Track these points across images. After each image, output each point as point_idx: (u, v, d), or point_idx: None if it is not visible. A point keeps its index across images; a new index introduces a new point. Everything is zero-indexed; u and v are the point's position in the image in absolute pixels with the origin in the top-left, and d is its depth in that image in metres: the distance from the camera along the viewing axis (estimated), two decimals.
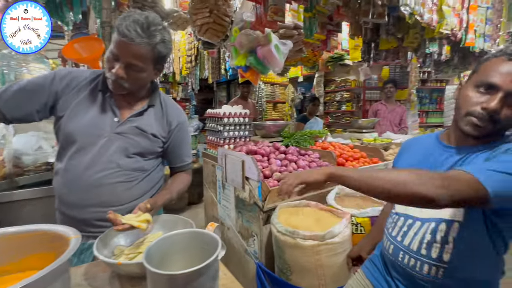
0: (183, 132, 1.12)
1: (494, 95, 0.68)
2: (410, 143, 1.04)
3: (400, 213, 0.90)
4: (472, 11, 2.15)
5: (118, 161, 0.94)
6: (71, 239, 0.65)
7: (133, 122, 0.97)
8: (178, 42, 4.33)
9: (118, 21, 0.83)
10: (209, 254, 0.61)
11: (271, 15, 1.52)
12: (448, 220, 0.73)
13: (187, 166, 1.17)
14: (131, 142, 0.96)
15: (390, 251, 0.88)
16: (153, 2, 1.88)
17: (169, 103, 1.10)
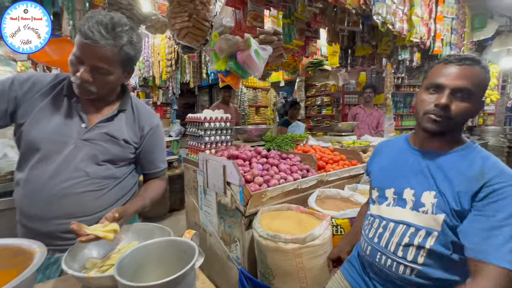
0: (156, 137, 1.08)
1: (442, 93, 0.78)
2: (381, 146, 1.08)
3: (375, 214, 0.93)
4: (438, 21, 2.31)
5: (86, 169, 0.89)
6: (36, 253, 0.61)
7: (102, 128, 0.93)
8: (158, 46, 4.25)
9: (81, 22, 0.79)
10: (186, 263, 0.60)
11: (250, 21, 1.54)
12: (427, 228, 0.77)
13: (161, 172, 1.13)
14: (100, 149, 0.91)
15: (368, 252, 0.90)
16: (130, 5, 1.83)
17: (141, 107, 1.05)
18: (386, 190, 0.90)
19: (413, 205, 0.81)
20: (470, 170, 0.75)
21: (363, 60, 2.90)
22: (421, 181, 0.82)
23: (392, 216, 0.86)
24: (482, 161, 0.75)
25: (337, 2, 1.34)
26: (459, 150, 0.80)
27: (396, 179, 0.89)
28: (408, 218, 0.81)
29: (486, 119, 5.73)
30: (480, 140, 4.69)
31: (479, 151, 0.80)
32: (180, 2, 1.66)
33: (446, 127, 0.78)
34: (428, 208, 0.78)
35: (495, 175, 0.71)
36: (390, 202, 0.88)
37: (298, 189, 1.67)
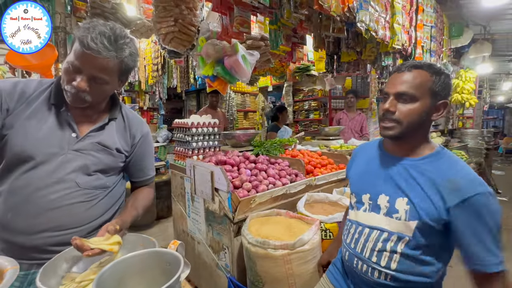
0: (146, 145, 1.07)
1: (388, 99, 0.84)
2: (358, 150, 1.10)
3: (353, 220, 0.94)
4: (419, 29, 2.40)
5: (76, 180, 0.86)
6: (7, 271, 0.57)
7: (94, 137, 0.90)
8: (144, 50, 4.19)
9: (81, 32, 0.77)
10: (171, 274, 0.58)
11: (237, 26, 1.54)
12: (399, 234, 0.79)
13: (151, 179, 1.12)
14: (92, 159, 0.89)
15: (346, 258, 0.92)
16: (113, 9, 1.80)
17: (131, 115, 1.04)
18: (363, 195, 0.92)
19: (386, 211, 0.83)
20: (442, 178, 0.77)
21: (349, 65, 2.97)
22: (394, 188, 0.84)
23: (367, 221, 0.88)
24: (454, 169, 0.78)
25: (322, 9, 1.36)
26: (430, 156, 0.83)
27: (371, 184, 0.91)
28: (382, 224, 0.83)
29: (465, 122, 5.98)
30: (460, 143, 4.88)
31: (448, 157, 0.83)
32: (166, 7, 1.64)
33: (398, 131, 0.82)
34: (401, 214, 0.80)
35: (469, 184, 0.73)
36: (366, 208, 0.90)
37: (287, 194, 1.66)
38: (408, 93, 0.80)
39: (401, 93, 0.81)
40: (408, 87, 0.80)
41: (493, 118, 15.20)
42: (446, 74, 0.82)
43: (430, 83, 0.80)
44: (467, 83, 4.96)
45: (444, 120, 5.64)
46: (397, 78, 0.83)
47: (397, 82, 0.82)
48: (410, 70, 0.82)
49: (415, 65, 0.82)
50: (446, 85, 0.81)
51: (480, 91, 5.93)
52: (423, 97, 0.80)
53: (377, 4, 1.77)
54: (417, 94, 0.80)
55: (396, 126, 0.82)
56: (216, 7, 1.54)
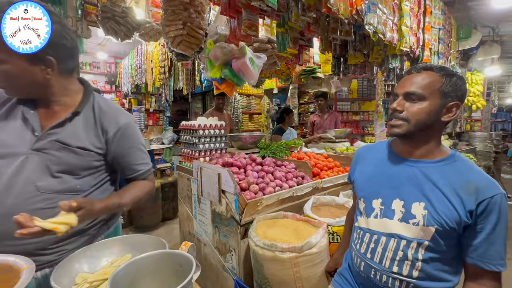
0: (127, 138, 0.94)
1: (395, 100, 0.87)
2: (362, 152, 1.06)
3: (364, 228, 0.91)
4: (426, 31, 2.39)
5: (36, 183, 0.79)
6: (23, 270, 0.58)
7: (53, 135, 0.83)
8: (151, 53, 4.24)
9: None
10: (183, 276, 0.58)
11: (245, 29, 1.55)
12: (419, 239, 0.78)
13: (144, 174, 1.01)
14: (52, 159, 0.82)
15: (362, 268, 0.89)
16: (124, 12, 1.83)
17: (105, 107, 0.93)
18: (373, 200, 0.89)
19: (402, 217, 0.81)
20: (460, 181, 0.77)
21: (355, 68, 2.96)
22: (410, 192, 0.82)
23: (381, 228, 0.85)
24: (470, 172, 0.78)
25: (330, 12, 1.37)
26: (446, 159, 0.82)
27: (382, 189, 0.88)
28: (398, 230, 0.81)
29: (473, 125, 5.90)
30: (468, 146, 4.81)
31: (463, 160, 0.83)
32: (175, 10, 1.67)
33: (406, 129, 0.82)
34: (419, 219, 0.78)
35: (486, 187, 0.74)
36: (378, 214, 0.87)
37: (293, 196, 1.66)
38: (416, 92, 0.80)
39: (410, 92, 0.81)
40: (417, 87, 0.81)
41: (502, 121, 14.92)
42: (459, 76, 0.81)
43: (439, 84, 0.80)
44: (473, 85, 4.90)
45: (452, 123, 5.57)
46: (407, 79, 0.84)
47: (406, 83, 0.83)
48: (419, 72, 0.83)
49: (425, 67, 0.83)
50: (458, 86, 0.81)
51: (489, 93, 5.85)
52: (432, 97, 0.80)
53: (385, 6, 1.77)
54: (426, 93, 0.80)
55: (404, 124, 0.82)
56: (225, 10, 1.56)
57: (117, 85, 6.34)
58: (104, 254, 0.81)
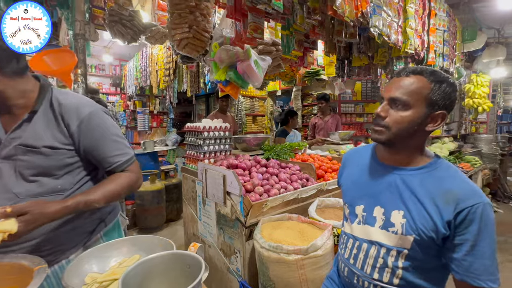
0: (93, 129, 0.88)
1: (381, 103, 0.82)
2: (349, 156, 1.04)
3: (348, 233, 0.91)
4: (431, 34, 2.38)
5: (13, 190, 0.78)
6: (36, 270, 0.59)
7: (16, 139, 0.80)
8: (156, 56, 4.28)
9: None
10: (191, 277, 0.58)
11: (250, 32, 1.56)
12: (398, 248, 0.77)
13: (123, 165, 0.92)
14: (22, 164, 0.80)
15: (346, 273, 0.89)
16: (130, 16, 1.85)
17: (64, 101, 0.87)
18: (356, 206, 0.88)
19: (383, 224, 0.80)
20: (439, 190, 0.73)
21: (360, 70, 2.96)
22: (390, 199, 0.80)
23: (363, 235, 0.84)
24: (450, 180, 0.74)
25: (335, 15, 1.37)
26: (426, 167, 0.79)
27: (365, 195, 0.87)
28: (379, 238, 0.80)
29: (478, 127, 5.85)
30: (473, 148, 4.77)
31: (445, 168, 0.78)
32: (181, 14, 1.69)
33: (386, 137, 0.79)
34: (398, 228, 0.76)
35: (467, 196, 0.69)
36: (360, 220, 0.86)
37: (298, 198, 1.66)
38: (401, 99, 0.75)
39: (394, 98, 0.77)
40: (402, 92, 0.75)
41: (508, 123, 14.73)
42: (449, 83, 0.76)
43: (427, 91, 0.75)
44: (479, 87, 4.86)
45: (457, 125, 5.53)
46: (394, 82, 0.79)
47: (393, 87, 0.78)
48: (408, 75, 0.77)
49: (414, 70, 0.77)
50: (447, 94, 0.75)
51: (494, 95, 5.80)
52: (418, 105, 0.75)
53: (390, 9, 1.77)
54: (411, 101, 0.75)
55: (385, 131, 0.78)
56: (231, 13, 1.57)
57: (121, 87, 6.40)
58: (113, 254, 0.82)
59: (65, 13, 2.00)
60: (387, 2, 1.73)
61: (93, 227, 0.96)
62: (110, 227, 1.03)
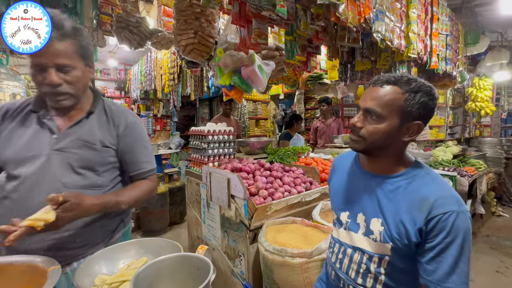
0: (135, 135, 1.02)
1: (358, 113, 0.81)
2: (337, 161, 1.05)
3: (335, 238, 0.92)
4: (434, 38, 2.39)
5: (61, 180, 0.86)
6: (50, 271, 0.60)
7: (73, 134, 0.90)
8: (161, 60, 4.34)
9: None
10: (199, 279, 0.60)
11: (255, 38, 1.59)
12: (379, 254, 0.77)
13: (148, 173, 1.05)
14: (74, 156, 0.89)
15: (333, 277, 0.91)
16: (137, 22, 1.89)
17: (114, 107, 1.03)
18: (342, 213, 0.89)
19: (365, 231, 0.81)
20: (414, 198, 0.73)
21: (362, 74, 2.98)
22: (370, 207, 0.81)
23: (348, 241, 0.85)
24: (426, 188, 0.73)
25: (339, 21, 1.39)
26: (404, 174, 0.78)
27: (350, 202, 0.88)
28: (362, 244, 0.81)
29: (482, 130, 5.81)
30: (478, 152, 4.73)
31: (423, 175, 0.77)
32: (187, 20, 1.72)
33: (363, 147, 0.79)
34: (376, 236, 0.77)
35: (442, 203, 0.69)
36: (345, 226, 0.87)
37: (302, 202, 1.67)
38: (375, 111, 0.75)
39: (368, 109, 0.76)
40: (376, 104, 0.75)
41: None
42: (425, 92, 0.74)
43: (401, 102, 0.73)
44: (482, 91, 4.84)
45: (461, 129, 5.50)
46: (370, 92, 0.78)
47: (368, 96, 0.78)
48: (382, 86, 0.76)
49: (388, 80, 0.76)
50: (422, 105, 0.73)
51: (498, 98, 5.77)
52: (391, 117, 0.74)
53: (392, 14, 1.79)
54: (384, 113, 0.74)
55: (361, 141, 0.79)
56: (235, 20, 1.60)
57: (126, 91, 6.47)
58: (122, 256, 0.84)
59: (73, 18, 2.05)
60: (389, 7, 1.75)
61: (115, 227, 1.03)
62: (127, 228, 1.10)
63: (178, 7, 1.73)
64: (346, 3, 1.37)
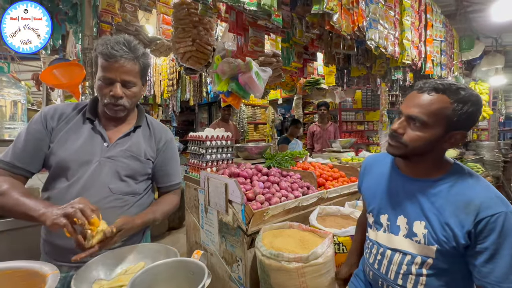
0: (171, 150, 1.13)
1: (400, 119, 0.81)
2: (370, 163, 1.05)
3: (373, 240, 0.93)
4: (428, 44, 2.44)
5: (109, 185, 0.94)
6: (48, 276, 0.62)
7: (122, 145, 0.99)
8: (160, 66, 4.39)
9: (101, 47, 0.88)
10: (195, 283, 0.61)
11: (251, 46, 1.63)
12: (423, 256, 0.78)
13: (176, 186, 1.17)
14: (122, 165, 0.97)
15: (371, 277, 0.92)
16: (137, 31, 1.93)
17: (155, 123, 1.13)
18: (381, 216, 0.90)
19: (407, 233, 0.81)
20: (459, 201, 0.73)
21: (359, 80, 3.02)
22: (411, 210, 0.81)
23: (388, 243, 0.86)
24: (470, 190, 0.73)
25: (333, 29, 1.43)
26: (445, 178, 0.78)
27: (389, 205, 0.88)
28: (403, 246, 0.81)
29: (480, 134, 5.85)
30: (475, 155, 4.76)
31: (465, 177, 0.77)
32: (185, 28, 1.76)
33: (402, 152, 0.79)
34: (420, 238, 0.78)
35: (488, 205, 0.69)
36: (385, 229, 0.87)
37: (299, 206, 1.68)
38: (420, 118, 0.73)
39: (413, 117, 0.75)
40: (421, 112, 0.73)
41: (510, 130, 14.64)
42: (473, 103, 0.72)
43: (448, 111, 0.72)
44: None
45: None
46: (414, 98, 0.77)
47: (412, 103, 0.76)
48: (430, 93, 0.74)
49: (437, 88, 0.73)
50: (469, 115, 0.72)
51: (495, 102, 5.82)
52: (436, 126, 0.73)
53: (386, 22, 1.83)
54: (430, 121, 0.73)
55: (401, 147, 0.79)
56: (232, 28, 1.64)
57: None
58: (119, 262, 0.85)
59: (74, 27, 2.09)
60: (383, 15, 1.79)
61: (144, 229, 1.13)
62: (148, 231, 1.20)
63: (176, 16, 1.77)
64: (340, 12, 1.40)
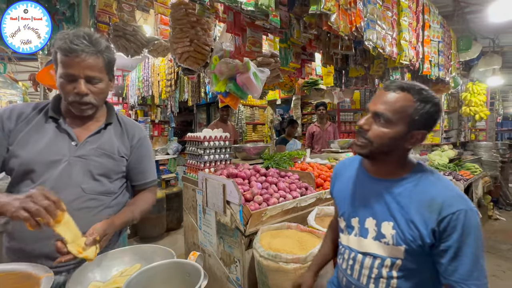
0: (145, 148, 1.10)
1: (367, 115, 0.82)
2: (339, 168, 1.05)
3: (345, 245, 0.93)
4: (426, 45, 2.45)
5: (81, 185, 0.90)
6: (42, 278, 0.61)
7: (93, 143, 0.95)
8: (158, 67, 4.38)
9: (59, 42, 0.82)
10: (191, 285, 0.61)
11: (249, 46, 1.63)
12: (392, 258, 0.78)
13: (152, 183, 1.13)
14: (94, 164, 0.93)
15: (344, 283, 0.91)
16: (134, 31, 1.93)
17: (127, 120, 1.10)
18: (352, 219, 0.89)
19: (375, 235, 0.81)
20: (422, 199, 0.75)
21: (357, 80, 3.02)
22: (379, 211, 0.82)
23: (358, 247, 0.86)
24: (433, 188, 0.75)
25: (331, 30, 1.43)
26: (409, 177, 0.80)
27: (358, 208, 0.88)
28: (373, 249, 0.81)
29: (478, 134, 5.87)
30: (473, 156, 4.78)
31: (428, 176, 0.79)
32: (182, 29, 1.76)
33: (368, 150, 0.80)
34: (389, 239, 0.78)
35: (450, 203, 0.71)
36: (356, 232, 0.87)
37: (297, 207, 1.68)
38: (385, 115, 0.76)
39: (379, 113, 0.77)
40: (387, 109, 0.76)
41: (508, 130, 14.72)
42: (434, 103, 0.76)
43: (411, 110, 0.75)
44: (476, 95, 4.92)
45: (456, 133, 5.56)
46: (381, 96, 0.79)
47: (378, 100, 0.79)
48: (395, 91, 0.77)
49: (401, 87, 0.77)
50: (430, 115, 0.76)
51: (492, 103, 5.85)
52: (399, 123, 0.76)
53: (383, 22, 1.84)
54: (394, 118, 0.75)
55: (367, 144, 0.80)
56: (230, 28, 1.64)
57: (124, 97, 6.50)
58: (115, 263, 0.84)
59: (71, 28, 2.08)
60: (381, 16, 1.80)
61: (120, 231, 1.08)
62: (125, 231, 1.17)
63: (174, 16, 1.77)
64: (338, 13, 1.41)
